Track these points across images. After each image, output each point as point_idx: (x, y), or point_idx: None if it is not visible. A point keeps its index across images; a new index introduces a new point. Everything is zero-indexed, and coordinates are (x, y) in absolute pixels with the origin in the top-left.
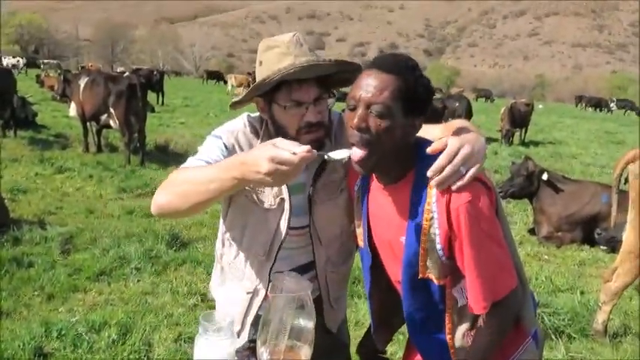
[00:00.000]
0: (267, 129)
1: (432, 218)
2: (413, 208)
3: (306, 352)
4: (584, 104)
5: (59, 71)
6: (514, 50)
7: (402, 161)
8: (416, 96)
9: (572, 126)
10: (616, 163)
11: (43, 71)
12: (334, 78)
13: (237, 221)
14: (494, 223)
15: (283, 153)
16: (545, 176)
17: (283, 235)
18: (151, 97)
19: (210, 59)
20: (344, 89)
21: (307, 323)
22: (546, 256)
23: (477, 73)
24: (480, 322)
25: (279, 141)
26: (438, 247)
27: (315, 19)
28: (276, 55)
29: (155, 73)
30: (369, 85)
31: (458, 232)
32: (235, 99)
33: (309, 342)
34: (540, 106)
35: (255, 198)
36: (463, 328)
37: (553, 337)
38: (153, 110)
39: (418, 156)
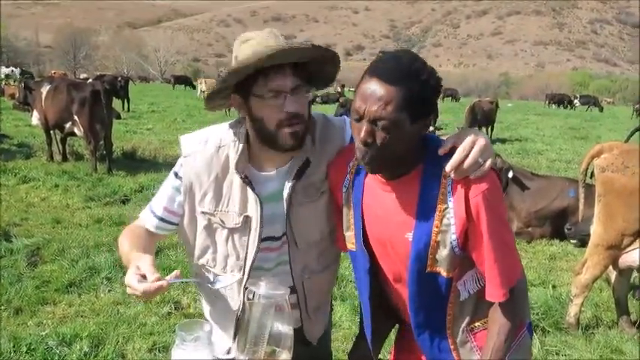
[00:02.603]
0: (248, 142)
1: (446, 209)
2: (423, 201)
3: (285, 357)
4: (547, 101)
5: (20, 78)
6: (478, 49)
7: (409, 159)
8: (423, 101)
9: (537, 123)
10: (582, 158)
11: (2, 80)
12: (311, 71)
13: (205, 247)
14: (506, 211)
15: (131, 282)
16: (510, 174)
17: (255, 249)
18: (117, 103)
19: (176, 64)
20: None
21: (286, 329)
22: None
23: (443, 72)
24: (494, 313)
25: (141, 265)
26: (453, 237)
27: (280, 22)
28: (252, 46)
29: (120, 79)
30: (372, 98)
31: (477, 220)
32: (208, 95)
33: (289, 347)
34: (509, 105)
35: (218, 219)
36: (463, 323)
37: None
38: (119, 117)
39: (426, 151)
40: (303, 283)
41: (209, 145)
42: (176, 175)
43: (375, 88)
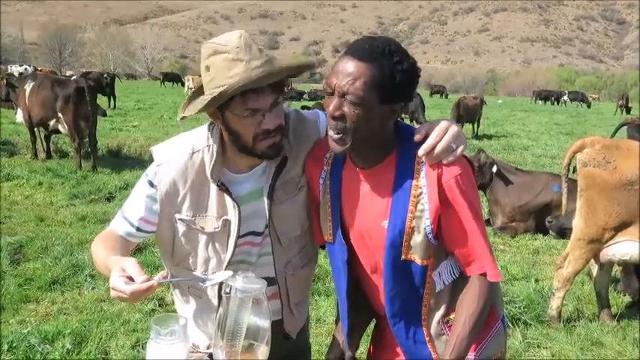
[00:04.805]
0: (222, 144)
1: (420, 194)
2: (398, 188)
3: (263, 351)
4: (534, 97)
5: (1, 75)
6: (465, 46)
7: (382, 145)
8: (393, 83)
9: (523, 119)
10: (565, 153)
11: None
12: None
13: (185, 252)
14: (478, 200)
15: (117, 284)
16: (494, 169)
17: (232, 249)
18: (103, 100)
19: (163, 61)
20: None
21: (263, 322)
22: (502, 246)
23: (430, 69)
24: (460, 305)
25: (126, 267)
26: (427, 222)
27: (268, 19)
28: (225, 61)
29: (105, 76)
30: (343, 74)
31: (452, 203)
32: (184, 113)
33: (266, 341)
34: (499, 101)
35: (198, 225)
36: (438, 315)
37: (510, 324)
38: (104, 114)
39: (400, 138)
40: (286, 279)
41: (182, 151)
42: (151, 184)
43: (347, 64)
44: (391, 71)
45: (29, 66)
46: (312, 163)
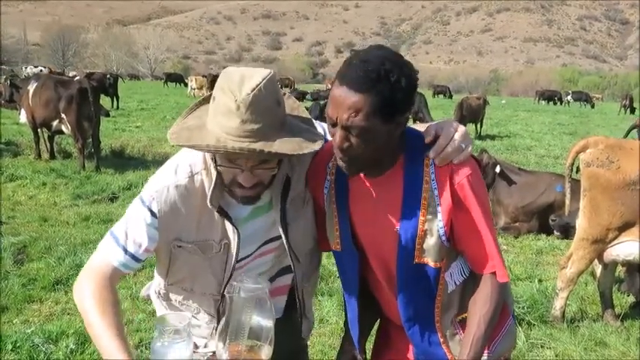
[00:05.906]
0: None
1: (431, 197)
2: (408, 192)
3: (266, 351)
4: (537, 97)
5: (4, 76)
6: (468, 46)
7: (390, 154)
8: (393, 103)
9: (526, 119)
10: (568, 153)
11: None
12: None
13: (182, 274)
14: (488, 199)
15: None
16: (497, 169)
17: (231, 271)
18: (106, 101)
19: (166, 61)
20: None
21: (266, 322)
22: (505, 247)
23: (433, 69)
24: (473, 305)
25: None
26: (440, 224)
27: (270, 19)
28: (226, 106)
29: (108, 76)
30: (342, 107)
31: (464, 202)
32: (174, 141)
33: (269, 341)
34: (503, 101)
35: (198, 250)
36: (450, 316)
37: None
38: (108, 114)
39: (405, 142)
40: (302, 291)
41: (180, 174)
42: (151, 212)
43: (345, 96)
44: (390, 93)
45: (44, 67)
46: (314, 175)
